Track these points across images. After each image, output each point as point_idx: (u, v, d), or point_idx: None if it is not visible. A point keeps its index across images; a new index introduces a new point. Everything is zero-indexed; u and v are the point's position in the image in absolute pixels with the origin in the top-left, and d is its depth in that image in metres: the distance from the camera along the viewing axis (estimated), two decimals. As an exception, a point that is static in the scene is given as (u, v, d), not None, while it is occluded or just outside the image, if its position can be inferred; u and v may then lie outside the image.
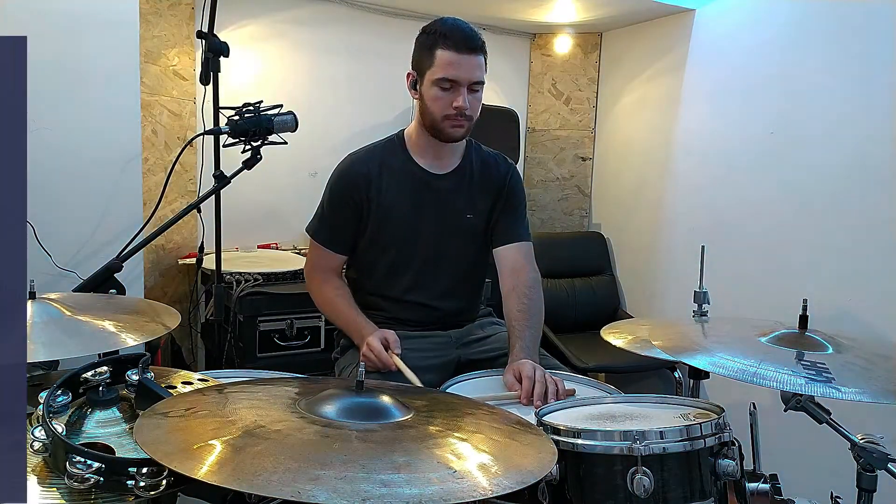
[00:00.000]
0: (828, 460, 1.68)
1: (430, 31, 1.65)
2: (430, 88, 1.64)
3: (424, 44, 1.65)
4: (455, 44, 1.60)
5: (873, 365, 1.17)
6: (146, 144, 2.76)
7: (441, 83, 1.62)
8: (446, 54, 1.60)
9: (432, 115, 1.66)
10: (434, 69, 1.62)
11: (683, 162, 3.23)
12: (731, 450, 1.14)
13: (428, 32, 1.66)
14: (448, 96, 1.62)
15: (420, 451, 0.87)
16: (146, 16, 2.71)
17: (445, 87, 1.62)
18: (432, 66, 1.62)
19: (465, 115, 1.64)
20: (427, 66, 1.64)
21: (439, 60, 1.61)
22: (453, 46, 1.60)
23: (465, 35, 1.62)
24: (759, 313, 1.92)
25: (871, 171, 2.38)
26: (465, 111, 1.63)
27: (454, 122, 1.65)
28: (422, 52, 1.66)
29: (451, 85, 1.61)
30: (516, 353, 1.58)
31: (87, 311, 1.29)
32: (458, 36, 1.61)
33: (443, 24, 1.64)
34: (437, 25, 1.65)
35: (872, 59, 2.38)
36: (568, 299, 3.47)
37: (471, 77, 1.62)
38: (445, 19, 1.65)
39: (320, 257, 1.81)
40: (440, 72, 1.61)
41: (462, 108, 1.62)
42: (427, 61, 1.63)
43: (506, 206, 1.82)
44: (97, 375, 1.08)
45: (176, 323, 1.33)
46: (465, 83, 1.61)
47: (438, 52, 1.61)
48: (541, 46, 3.78)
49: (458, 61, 1.60)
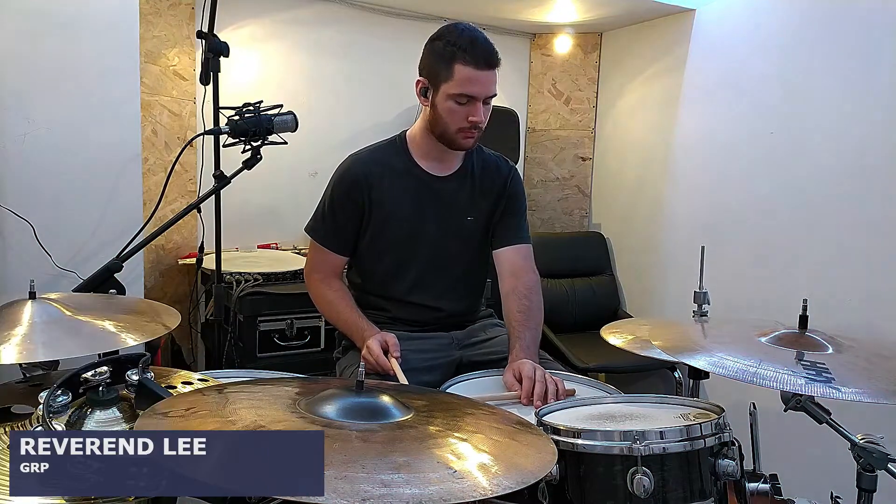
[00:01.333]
0: (828, 460, 1.68)
1: (446, 41, 1.59)
2: (445, 101, 1.60)
3: (442, 55, 1.59)
4: (475, 60, 1.56)
5: (873, 365, 1.17)
6: (146, 144, 2.76)
7: (458, 98, 1.59)
8: (465, 70, 1.56)
9: (445, 126, 1.64)
10: (451, 83, 1.58)
11: (683, 162, 3.23)
12: (731, 450, 1.14)
13: (444, 42, 1.59)
14: (464, 110, 1.60)
15: (420, 451, 0.87)
16: (146, 16, 2.71)
17: (462, 101, 1.59)
18: (450, 80, 1.58)
19: (478, 127, 1.63)
20: (444, 79, 1.59)
21: (458, 76, 1.57)
22: (473, 63, 1.56)
23: (486, 51, 1.57)
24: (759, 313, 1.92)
25: (870, 171, 2.38)
26: (480, 125, 1.63)
27: (467, 133, 1.64)
28: (438, 63, 1.60)
29: (469, 100, 1.59)
30: (516, 353, 1.59)
31: (87, 311, 1.29)
32: (478, 52, 1.56)
33: (460, 35, 1.58)
34: (454, 37, 1.58)
35: (872, 59, 2.38)
36: (568, 299, 3.47)
37: (488, 92, 1.60)
38: (461, 29, 1.60)
39: (320, 258, 1.81)
40: (458, 87, 1.57)
41: (478, 122, 1.61)
42: (444, 74, 1.58)
43: (507, 209, 1.82)
44: (97, 375, 1.08)
45: (176, 323, 1.33)
46: (481, 98, 1.60)
47: (458, 67, 1.56)
48: (541, 46, 3.78)
49: (477, 78, 1.57)
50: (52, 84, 2.06)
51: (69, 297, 1.43)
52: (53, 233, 2.04)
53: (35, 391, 1.07)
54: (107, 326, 1.23)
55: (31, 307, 1.23)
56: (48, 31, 2.04)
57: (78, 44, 2.08)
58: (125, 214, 2.18)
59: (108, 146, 2.17)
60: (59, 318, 1.23)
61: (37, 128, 2.04)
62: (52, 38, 2.04)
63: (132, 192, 2.24)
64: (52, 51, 2.04)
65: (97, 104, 2.13)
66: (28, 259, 2.02)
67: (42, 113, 2.04)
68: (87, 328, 1.23)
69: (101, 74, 2.13)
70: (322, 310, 1.84)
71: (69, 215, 2.11)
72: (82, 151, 2.12)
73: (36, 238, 2.01)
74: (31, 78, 2.03)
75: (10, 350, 1.11)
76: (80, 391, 1.09)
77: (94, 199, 2.16)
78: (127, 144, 2.21)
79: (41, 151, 2.05)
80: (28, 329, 1.17)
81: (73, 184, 2.12)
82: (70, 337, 1.19)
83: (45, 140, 2.05)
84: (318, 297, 1.81)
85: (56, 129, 2.07)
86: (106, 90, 2.15)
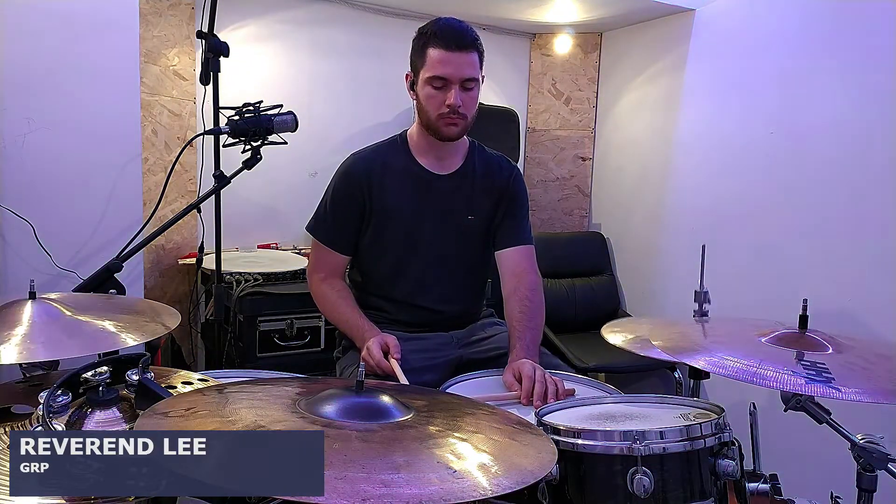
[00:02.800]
0: (828, 460, 1.68)
1: (423, 31, 1.68)
2: (423, 87, 1.66)
3: (418, 44, 1.68)
4: (445, 42, 1.61)
5: (873, 365, 1.17)
6: (146, 144, 2.76)
7: (433, 81, 1.63)
8: (436, 52, 1.62)
9: (427, 113, 1.67)
10: (426, 68, 1.64)
11: (683, 162, 3.23)
12: (731, 450, 1.14)
13: (421, 33, 1.68)
14: (441, 94, 1.64)
15: (420, 451, 0.87)
16: (146, 16, 2.71)
17: (437, 85, 1.63)
18: (424, 66, 1.64)
19: (458, 112, 1.64)
20: (420, 66, 1.66)
21: (430, 59, 1.63)
22: (443, 45, 1.61)
23: (456, 33, 1.63)
24: (759, 313, 1.92)
25: (870, 171, 2.38)
26: (458, 108, 1.64)
27: (448, 119, 1.65)
28: (416, 53, 1.68)
29: (443, 83, 1.63)
30: (516, 352, 1.59)
31: (87, 311, 1.29)
32: (448, 34, 1.62)
33: (435, 24, 1.66)
34: (429, 26, 1.67)
35: (872, 59, 2.38)
36: (568, 299, 3.47)
37: (461, 74, 1.62)
38: (439, 19, 1.67)
39: (322, 257, 1.81)
40: (431, 70, 1.63)
41: (454, 105, 1.63)
42: (420, 61, 1.66)
43: (508, 209, 1.82)
44: (97, 375, 1.08)
45: (176, 323, 1.33)
46: (456, 81, 1.62)
47: (429, 51, 1.63)
48: (541, 46, 3.78)
49: (447, 59, 1.61)
50: (52, 84, 2.06)
51: (69, 297, 1.43)
52: (53, 233, 2.05)
53: (35, 391, 1.07)
54: (107, 326, 1.23)
55: (31, 307, 1.23)
56: (48, 31, 2.04)
57: (78, 44, 2.09)
58: (125, 214, 2.18)
59: (108, 146, 2.17)
60: (59, 318, 1.23)
61: (37, 128, 2.04)
62: (53, 39, 2.05)
63: (132, 192, 2.24)
64: (52, 51, 2.04)
65: (97, 104, 2.14)
66: (28, 259, 2.02)
67: (42, 113, 2.04)
68: (87, 328, 1.22)
69: (101, 74, 2.13)
70: (323, 309, 1.84)
71: (69, 215, 2.11)
72: (82, 151, 2.12)
73: (36, 238, 2.01)
74: (31, 78, 2.03)
75: (10, 350, 1.11)
76: (80, 391, 1.09)
77: (94, 199, 2.16)
78: (127, 144, 2.22)
79: (41, 151, 2.05)
80: (28, 329, 1.17)
81: (73, 184, 2.12)
82: (70, 337, 1.19)
83: (45, 140, 2.05)
84: (320, 296, 1.81)
85: (56, 129, 2.07)
86: (106, 90, 2.15)
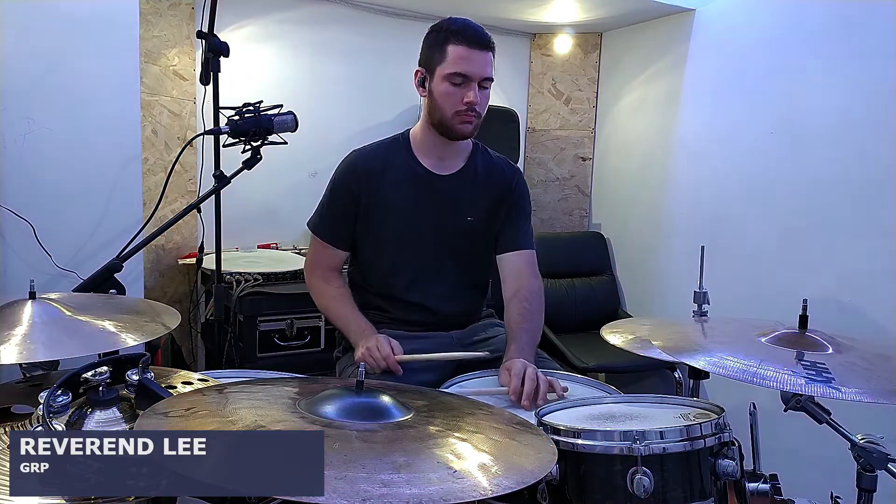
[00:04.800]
0: (828, 460, 1.68)
1: (440, 28, 1.66)
2: (440, 84, 1.64)
3: (435, 41, 1.66)
4: (467, 39, 1.61)
5: (873, 365, 1.17)
6: (146, 144, 2.76)
7: (453, 78, 1.62)
8: (458, 49, 1.61)
9: (442, 111, 1.66)
10: (445, 64, 1.63)
11: (683, 162, 3.23)
12: (731, 450, 1.14)
13: (439, 30, 1.67)
14: (459, 92, 1.63)
15: (420, 451, 0.87)
16: (146, 16, 2.71)
17: (457, 82, 1.63)
18: (444, 62, 1.63)
19: (474, 111, 1.65)
20: (438, 62, 1.64)
21: (451, 56, 1.62)
22: (465, 42, 1.61)
23: (477, 32, 1.64)
24: (759, 313, 1.92)
25: (871, 171, 2.38)
26: (476, 106, 1.64)
27: (464, 117, 1.65)
28: (432, 49, 1.66)
29: (463, 80, 1.62)
30: (511, 352, 1.59)
31: (87, 311, 1.29)
32: (469, 32, 1.62)
33: (453, 22, 1.66)
34: (447, 23, 1.66)
35: (872, 59, 2.38)
36: (568, 299, 3.47)
37: (482, 73, 1.63)
38: (455, 18, 1.67)
39: (320, 252, 1.82)
40: (452, 66, 1.62)
41: (473, 102, 1.63)
42: (438, 57, 1.64)
43: (510, 213, 1.82)
44: (97, 375, 1.07)
45: (176, 323, 1.33)
46: (476, 78, 1.62)
47: (450, 48, 1.62)
48: (541, 46, 3.78)
49: (470, 56, 1.61)
50: (53, 84, 2.06)
51: (69, 297, 1.43)
52: (53, 233, 2.04)
53: (35, 391, 1.07)
54: (107, 326, 1.23)
55: (31, 307, 1.23)
56: (48, 31, 2.04)
57: (78, 44, 2.08)
58: (125, 214, 2.18)
59: (108, 146, 2.17)
60: (59, 318, 1.23)
61: (37, 128, 2.04)
62: (53, 38, 2.04)
63: (132, 192, 2.24)
64: (52, 51, 2.04)
65: (97, 104, 2.13)
66: (28, 259, 2.02)
67: (42, 113, 2.04)
68: (87, 328, 1.22)
69: (101, 74, 2.13)
70: (320, 306, 1.84)
71: (69, 215, 2.11)
72: (82, 151, 2.12)
73: (36, 238, 2.01)
74: (31, 78, 2.03)
75: (10, 350, 1.11)
76: (80, 391, 1.09)
77: (94, 199, 2.16)
78: (127, 144, 2.21)
79: (41, 151, 2.05)
80: (28, 329, 1.17)
81: (73, 184, 2.11)
82: (70, 337, 1.19)
83: (45, 140, 2.05)
84: (318, 293, 1.82)
85: (56, 129, 2.07)
86: (106, 90, 2.15)
